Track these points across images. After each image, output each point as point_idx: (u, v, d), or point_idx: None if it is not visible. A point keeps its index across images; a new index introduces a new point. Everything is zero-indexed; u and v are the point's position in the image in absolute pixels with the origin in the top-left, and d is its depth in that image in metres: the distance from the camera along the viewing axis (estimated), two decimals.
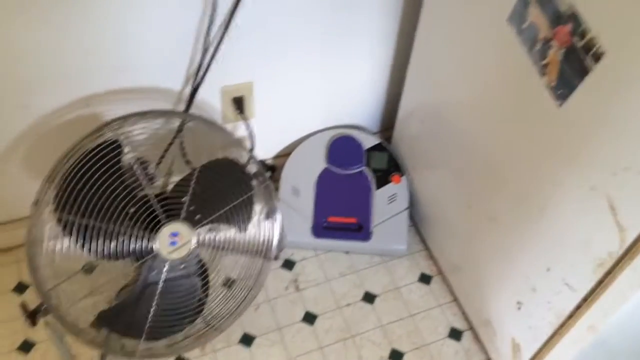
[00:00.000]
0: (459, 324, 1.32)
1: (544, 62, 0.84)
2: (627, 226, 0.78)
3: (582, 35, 0.76)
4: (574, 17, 0.77)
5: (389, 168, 1.43)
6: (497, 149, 1.03)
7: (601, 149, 0.79)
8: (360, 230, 1.38)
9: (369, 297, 1.35)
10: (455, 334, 1.30)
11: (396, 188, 1.41)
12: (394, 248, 1.38)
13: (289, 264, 1.40)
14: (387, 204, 1.39)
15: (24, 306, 1.04)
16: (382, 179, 1.42)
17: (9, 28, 0.98)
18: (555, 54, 0.82)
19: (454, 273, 1.34)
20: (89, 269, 1.22)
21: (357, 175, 1.42)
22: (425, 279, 1.39)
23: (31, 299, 1.25)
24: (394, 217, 1.38)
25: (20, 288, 1.32)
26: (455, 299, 1.35)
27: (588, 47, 0.76)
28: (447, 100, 1.17)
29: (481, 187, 1.11)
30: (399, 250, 1.39)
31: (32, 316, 1.03)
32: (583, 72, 0.78)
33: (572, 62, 0.79)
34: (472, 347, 1.29)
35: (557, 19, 0.80)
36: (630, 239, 0.78)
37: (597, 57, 0.75)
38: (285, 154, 1.47)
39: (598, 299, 0.87)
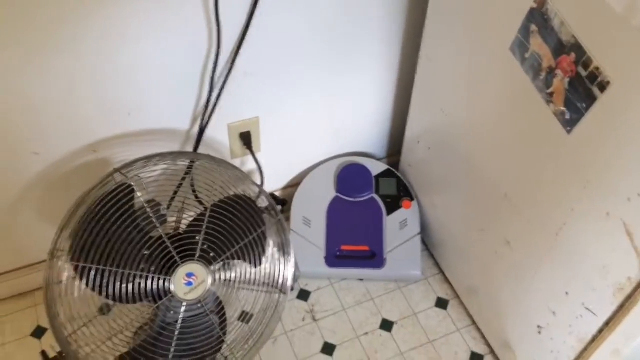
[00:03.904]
0: (479, 348, 1.31)
1: (549, 90, 0.85)
2: None
3: (586, 65, 0.77)
4: (577, 47, 0.78)
5: (399, 194, 1.43)
6: (508, 174, 1.03)
7: (614, 175, 0.79)
8: (373, 258, 1.37)
9: (386, 325, 1.35)
10: (476, 359, 1.29)
11: (407, 213, 1.41)
12: (409, 274, 1.38)
13: (304, 295, 1.40)
14: (399, 229, 1.39)
15: (44, 354, 1.05)
16: (393, 205, 1.42)
17: (18, 77, 1.00)
18: (560, 82, 0.82)
19: (470, 296, 1.33)
20: (106, 310, 1.22)
21: (368, 202, 1.42)
22: (442, 303, 1.38)
23: (50, 343, 1.25)
24: (407, 242, 1.38)
25: (39, 332, 1.32)
26: (474, 323, 1.34)
27: (593, 76, 0.76)
28: (453, 126, 1.17)
29: (493, 212, 1.11)
30: (413, 276, 1.39)
31: None
32: (590, 100, 0.78)
33: (577, 90, 0.80)
34: None
35: (560, 48, 0.80)
36: None
37: (603, 87, 0.75)
38: (294, 185, 1.47)
39: (620, 323, 0.86)
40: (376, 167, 1.46)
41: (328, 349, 1.31)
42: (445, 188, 1.29)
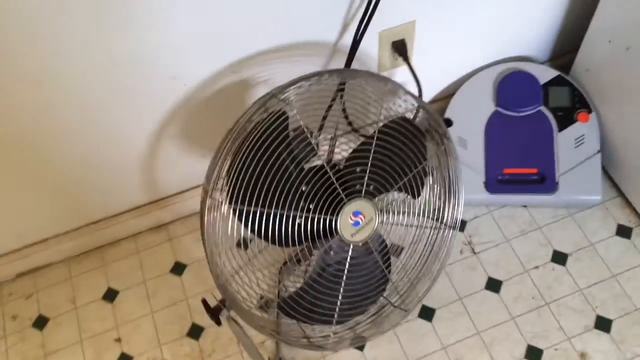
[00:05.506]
0: None
1: None
2: None
3: None
4: None
5: (573, 105, 1.21)
6: None
7: None
8: (542, 182, 1.18)
9: (559, 257, 1.18)
10: None
11: (584, 128, 1.19)
12: (586, 199, 1.19)
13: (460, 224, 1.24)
14: (573, 147, 1.19)
15: (205, 303, 0.96)
16: (565, 119, 1.20)
17: None
18: None
19: None
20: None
21: (534, 116, 1.21)
22: (624, 231, 1.19)
23: (204, 290, 1.18)
24: (584, 162, 1.18)
25: (178, 268, 1.24)
26: None
27: None
28: None
29: None
30: (592, 201, 1.19)
31: (215, 316, 0.94)
32: None
33: None
34: None
35: None
36: None
37: None
38: (445, 97, 1.27)
39: None
40: (543, 74, 1.23)
41: (493, 285, 1.17)
42: None
